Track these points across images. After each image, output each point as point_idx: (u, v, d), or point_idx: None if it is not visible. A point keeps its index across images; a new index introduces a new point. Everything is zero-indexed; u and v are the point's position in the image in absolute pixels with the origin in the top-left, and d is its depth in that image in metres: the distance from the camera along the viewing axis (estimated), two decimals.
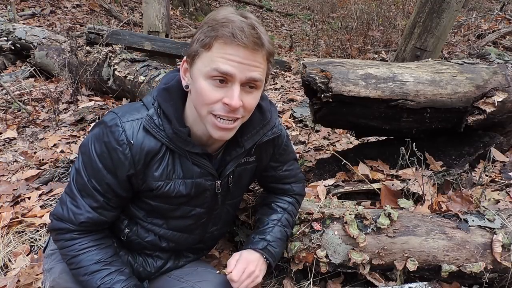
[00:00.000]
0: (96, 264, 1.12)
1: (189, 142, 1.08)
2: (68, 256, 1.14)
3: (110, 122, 1.04)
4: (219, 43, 0.93)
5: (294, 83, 4.79)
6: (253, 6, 12.09)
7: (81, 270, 1.12)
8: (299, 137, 2.98)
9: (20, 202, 2.24)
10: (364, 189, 1.82)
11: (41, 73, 4.59)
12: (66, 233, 1.13)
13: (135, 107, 1.10)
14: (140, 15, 8.20)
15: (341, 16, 8.21)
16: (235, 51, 0.93)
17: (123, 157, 1.04)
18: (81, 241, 1.13)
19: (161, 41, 4.84)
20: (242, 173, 1.26)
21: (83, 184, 1.09)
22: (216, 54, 0.94)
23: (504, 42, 5.58)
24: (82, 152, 1.10)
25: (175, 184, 1.12)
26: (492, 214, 1.44)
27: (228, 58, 0.93)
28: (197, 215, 1.24)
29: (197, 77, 0.98)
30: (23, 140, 3.17)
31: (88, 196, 1.09)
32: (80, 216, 1.10)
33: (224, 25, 0.93)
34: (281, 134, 1.30)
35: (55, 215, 1.14)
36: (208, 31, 0.95)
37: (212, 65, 0.94)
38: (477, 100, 1.81)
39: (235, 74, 0.94)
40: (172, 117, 1.06)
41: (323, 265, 1.43)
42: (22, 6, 7.67)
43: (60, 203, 1.14)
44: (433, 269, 1.41)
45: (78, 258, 1.12)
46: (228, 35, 0.92)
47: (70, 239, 1.13)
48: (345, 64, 1.77)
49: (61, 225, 1.12)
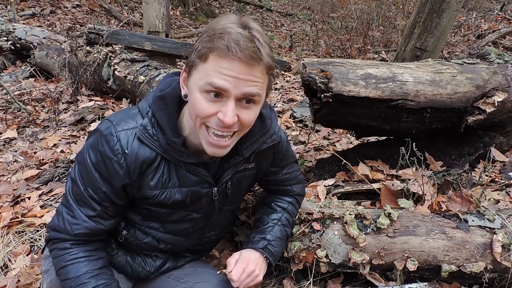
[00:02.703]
0: (83, 276, 1.09)
1: (183, 152, 1.06)
2: (58, 266, 1.12)
3: (105, 131, 1.03)
4: (214, 55, 0.90)
5: (294, 83, 4.79)
6: (253, 6, 12.10)
7: (68, 282, 1.09)
8: (299, 137, 2.97)
9: (20, 202, 2.24)
10: (364, 189, 1.82)
11: (41, 73, 4.59)
12: (60, 242, 1.11)
13: (130, 114, 1.08)
14: (140, 15, 8.20)
15: (341, 16, 8.21)
16: (230, 65, 0.89)
17: (118, 167, 1.03)
18: (72, 251, 1.11)
19: (161, 41, 4.84)
20: (241, 179, 1.25)
21: (79, 194, 1.08)
22: (211, 67, 0.90)
23: (504, 42, 5.58)
24: (78, 161, 1.09)
25: (171, 193, 1.12)
26: (492, 214, 1.44)
27: (223, 72, 0.89)
28: (193, 220, 1.23)
29: (193, 89, 0.96)
30: (23, 140, 3.17)
31: (85, 205, 1.08)
32: (77, 226, 1.08)
33: (220, 36, 0.89)
34: (281, 141, 1.29)
35: (51, 226, 1.12)
36: (205, 41, 0.92)
37: (207, 79, 0.91)
38: (477, 100, 1.81)
39: (230, 89, 0.90)
40: (166, 127, 1.04)
41: (323, 265, 1.43)
42: (22, 6, 7.67)
43: (56, 214, 1.13)
44: (433, 269, 1.41)
45: (66, 268, 1.10)
46: (223, 48, 0.88)
47: (63, 248, 1.11)
48: (345, 64, 1.77)
49: (57, 235, 1.11)
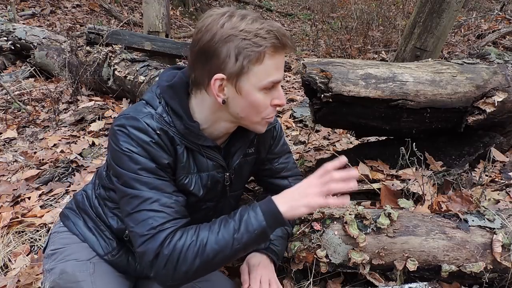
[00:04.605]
0: (215, 225, 1.01)
1: (201, 136, 1.09)
2: (196, 250, 0.97)
3: (131, 122, 1.02)
4: (269, 54, 0.96)
5: (294, 83, 4.79)
6: (253, 6, 12.09)
7: (223, 250, 0.98)
8: (299, 137, 2.97)
9: (20, 202, 2.24)
10: (364, 189, 1.82)
11: (41, 73, 4.58)
12: (174, 235, 0.99)
13: (140, 105, 1.09)
14: (140, 15, 8.20)
15: (341, 16, 8.20)
16: (282, 56, 0.99)
17: (157, 147, 1.02)
18: (187, 231, 1.00)
19: (161, 41, 4.83)
20: (243, 164, 1.28)
21: (144, 184, 1.00)
22: (270, 66, 0.98)
23: (504, 42, 5.58)
24: (120, 163, 1.02)
25: (192, 179, 1.13)
26: (492, 214, 1.44)
27: (279, 66, 1.00)
28: (206, 209, 1.25)
29: (250, 91, 1.00)
30: (23, 140, 3.17)
31: (155, 189, 1.01)
32: (167, 207, 1.00)
33: (260, 35, 0.95)
34: (277, 125, 1.36)
35: (143, 236, 0.98)
36: (249, 45, 0.94)
37: (269, 79, 0.99)
38: (477, 100, 1.80)
39: (281, 78, 1.02)
40: (181, 113, 1.06)
41: (323, 265, 1.43)
42: (22, 6, 7.68)
43: (138, 226, 0.99)
44: (433, 269, 1.41)
45: (205, 242, 0.98)
46: (278, 44, 0.96)
47: (181, 235, 0.99)
48: (345, 64, 1.77)
49: (161, 235, 0.98)
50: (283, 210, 0.99)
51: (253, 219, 1.00)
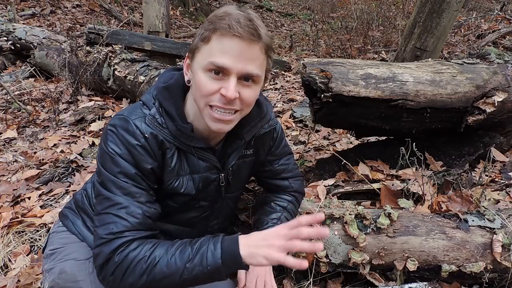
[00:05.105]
0: (176, 259, 0.97)
1: (193, 137, 1.10)
2: (145, 267, 0.96)
3: (121, 123, 1.05)
4: (217, 35, 0.96)
5: (294, 83, 4.79)
6: (253, 6, 12.09)
7: (172, 275, 0.95)
8: (299, 137, 2.97)
9: (20, 202, 2.24)
10: (364, 189, 1.82)
11: (41, 73, 4.59)
12: (129, 244, 0.99)
13: (137, 106, 1.12)
14: (140, 15, 8.20)
15: (341, 16, 8.20)
16: (231, 42, 0.95)
17: (143, 151, 1.04)
18: (144, 244, 0.99)
19: (161, 41, 4.84)
20: (241, 166, 1.28)
21: (119, 188, 1.02)
22: (214, 47, 0.96)
23: (504, 42, 5.58)
24: (103, 162, 1.04)
25: (183, 180, 1.14)
26: (492, 214, 1.44)
27: (224, 50, 0.95)
28: (201, 208, 1.25)
29: (196, 70, 1.01)
30: (23, 140, 3.17)
31: (128, 195, 1.02)
32: (132, 216, 1.00)
33: (222, 18, 0.96)
34: (277, 127, 1.35)
35: (104, 238, 0.98)
36: (207, 25, 0.98)
37: (210, 59, 0.96)
38: (477, 100, 1.80)
39: (231, 66, 0.96)
40: (174, 114, 1.07)
41: (323, 265, 1.43)
42: (22, 6, 7.68)
43: (100, 228, 1.00)
44: (433, 269, 1.41)
45: (156, 266, 0.96)
46: (225, 27, 0.94)
47: (134, 249, 0.98)
48: (345, 64, 1.76)
49: (117, 242, 0.98)
50: (244, 254, 0.94)
51: (209, 254, 0.95)
